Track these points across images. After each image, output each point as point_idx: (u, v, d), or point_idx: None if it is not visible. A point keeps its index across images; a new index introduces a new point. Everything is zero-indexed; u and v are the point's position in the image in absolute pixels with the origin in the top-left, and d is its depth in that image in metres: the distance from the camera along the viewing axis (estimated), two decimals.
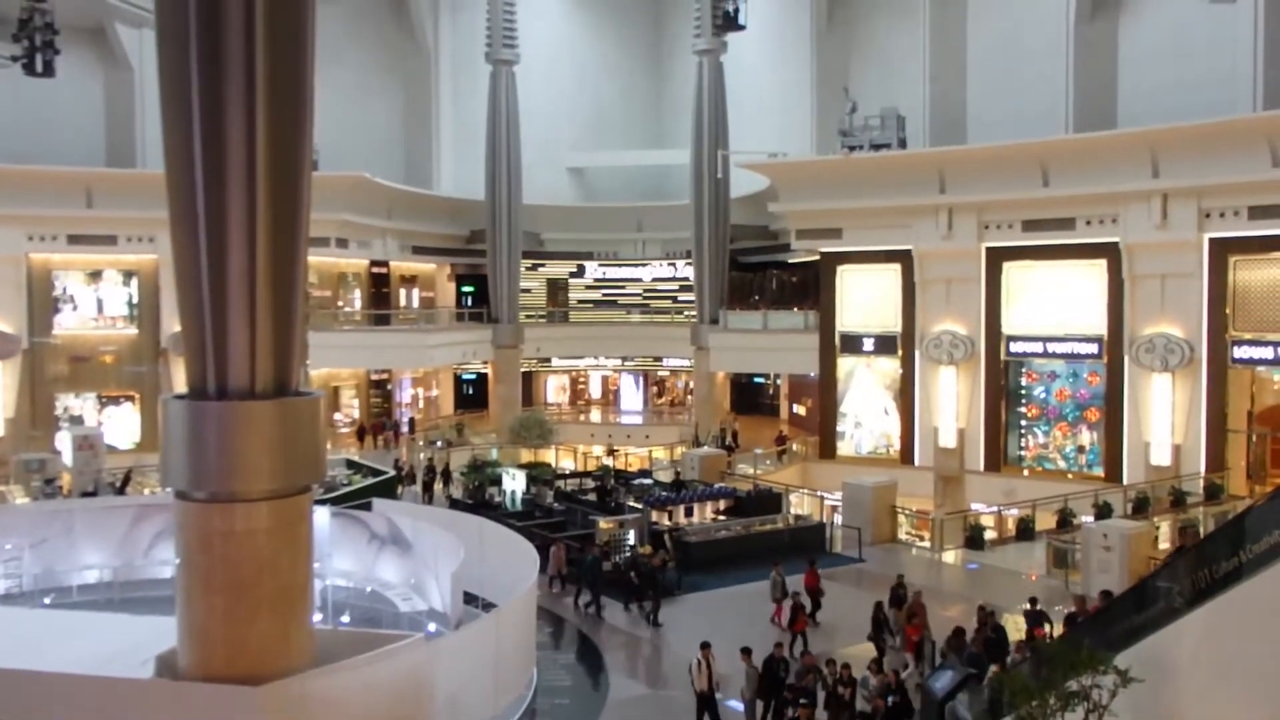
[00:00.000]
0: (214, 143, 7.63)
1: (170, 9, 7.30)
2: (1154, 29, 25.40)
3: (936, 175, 25.74)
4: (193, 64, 7.33)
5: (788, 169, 28.87)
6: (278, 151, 7.84)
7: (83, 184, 28.34)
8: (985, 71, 28.45)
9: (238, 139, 7.62)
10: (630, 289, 37.12)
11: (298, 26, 7.56)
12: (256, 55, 7.32)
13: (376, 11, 36.07)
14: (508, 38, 33.58)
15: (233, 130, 7.58)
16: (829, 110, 30.94)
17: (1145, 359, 22.83)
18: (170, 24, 7.30)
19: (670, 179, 37.82)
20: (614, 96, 39.86)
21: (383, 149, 35.62)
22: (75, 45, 26.78)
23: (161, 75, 7.47)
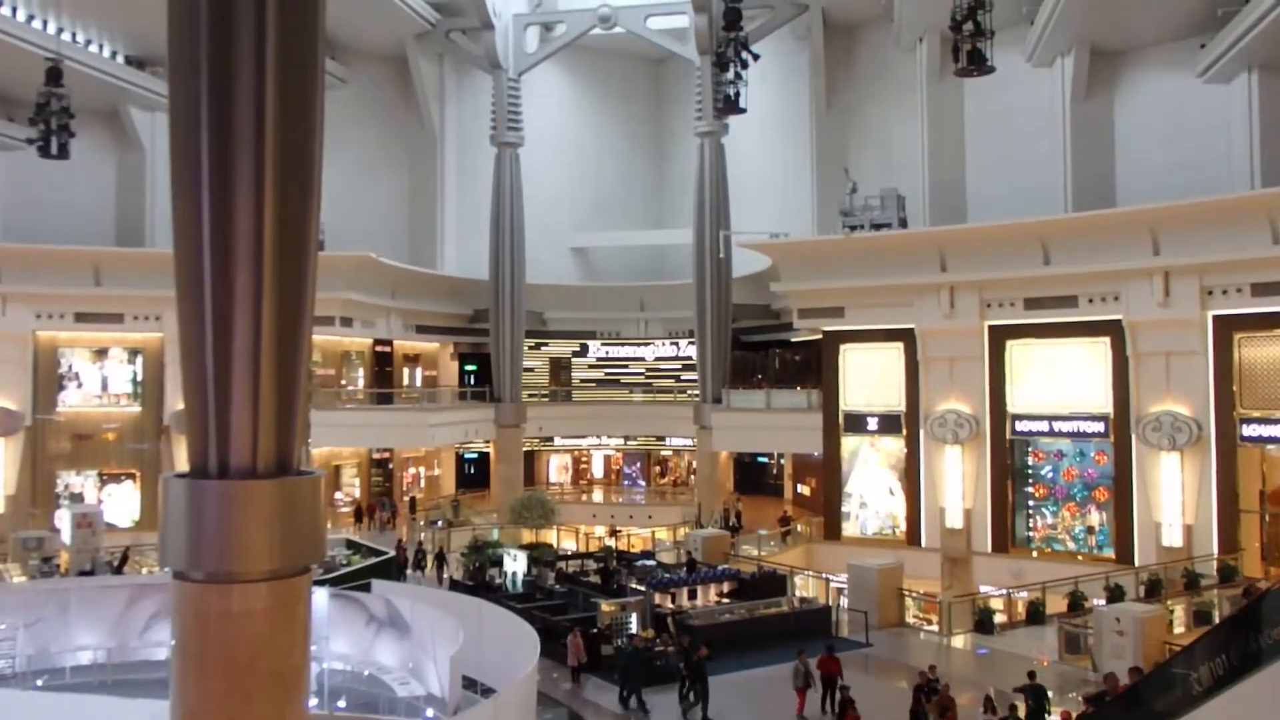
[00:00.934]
0: (222, 223, 7.67)
1: (182, 95, 7.40)
2: (1148, 109, 25.82)
3: (937, 254, 25.92)
4: (203, 147, 7.41)
5: (789, 249, 29.09)
6: (285, 233, 7.88)
7: (92, 262, 28.60)
8: (983, 152, 28.85)
9: (246, 220, 7.67)
10: (633, 368, 37.17)
11: (307, 111, 7.66)
12: (266, 140, 7.39)
13: (384, 94, 36.74)
14: (512, 121, 34.17)
15: (241, 211, 7.63)
16: (829, 190, 31.30)
17: (1153, 438, 22.71)
18: (182, 108, 7.40)
19: (672, 259, 38.12)
20: (616, 177, 40.38)
21: (388, 229, 35.98)
22: (89, 127, 27.24)
23: (173, 157, 7.55)
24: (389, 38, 34.83)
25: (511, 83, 34.38)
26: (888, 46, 31.09)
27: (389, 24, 33.76)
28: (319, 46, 7.67)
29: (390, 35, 34.66)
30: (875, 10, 30.23)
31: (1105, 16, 24.24)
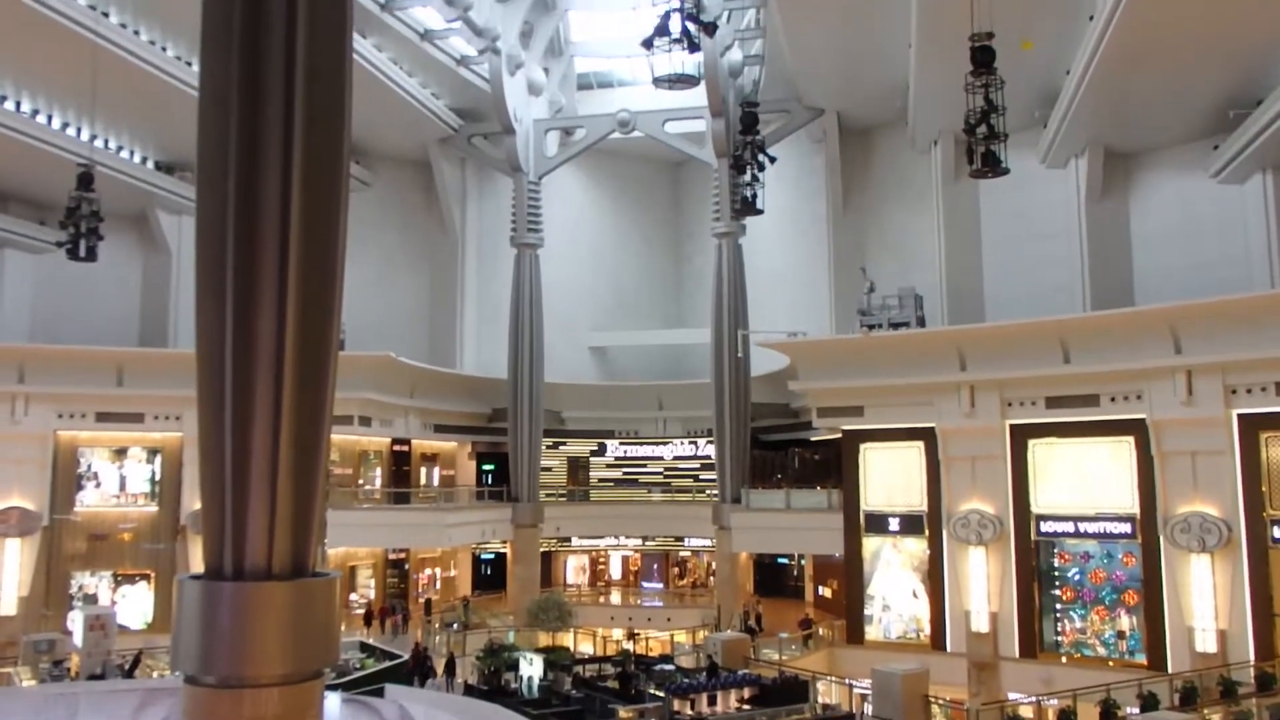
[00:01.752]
0: (245, 326, 7.73)
1: (210, 201, 7.54)
2: (1164, 209, 26.00)
3: (956, 353, 25.86)
4: (228, 252, 7.50)
5: (807, 348, 29.11)
6: (306, 336, 7.92)
7: (115, 363, 28.84)
8: (1000, 251, 29.03)
9: (268, 323, 7.72)
10: (651, 468, 36.94)
11: (331, 218, 7.77)
12: (290, 246, 7.49)
13: (407, 197, 37.47)
14: (532, 222, 34.70)
15: (263, 315, 7.69)
16: (847, 290, 31.47)
17: (1181, 539, 22.26)
18: (209, 214, 7.52)
19: (691, 358, 38.20)
20: (635, 277, 40.78)
21: (408, 328, 36.30)
22: (117, 231, 27.78)
23: (198, 260, 7.64)
24: (413, 142, 35.66)
25: (532, 185, 35.00)
26: (903, 149, 31.58)
27: (413, 130, 34.60)
28: (344, 155, 7.81)
29: (414, 140, 35.49)
30: (890, 114, 30.77)
31: (1117, 120, 24.59)
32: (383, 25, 29.14)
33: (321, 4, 7.59)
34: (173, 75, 25.83)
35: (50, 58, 24.37)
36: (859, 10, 25.32)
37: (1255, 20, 19.27)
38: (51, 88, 26.32)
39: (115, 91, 25.15)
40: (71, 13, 22.85)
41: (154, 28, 25.73)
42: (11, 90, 26.31)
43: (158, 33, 25.92)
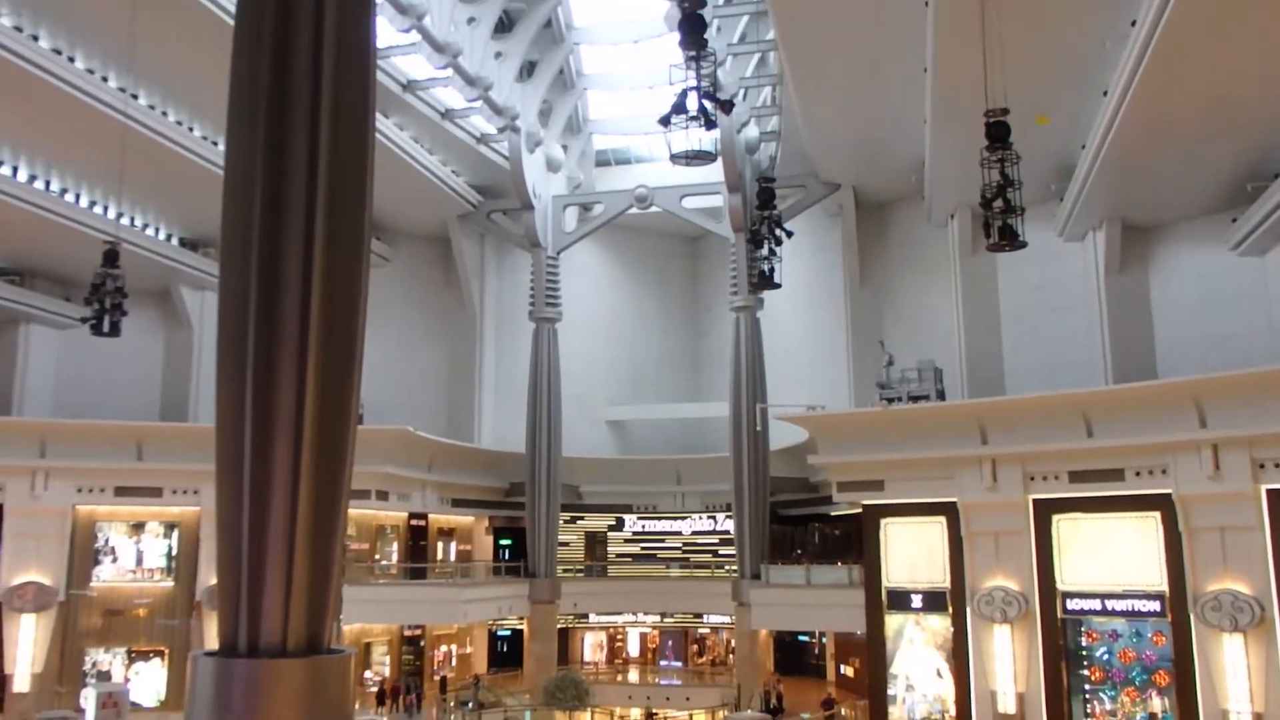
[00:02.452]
0: (264, 401, 7.74)
1: (232, 277, 7.61)
2: (1184, 282, 25.93)
3: (977, 427, 25.64)
4: (250, 327, 7.55)
5: (826, 422, 28.95)
6: (325, 411, 7.93)
7: (135, 437, 28.96)
8: (1019, 324, 28.95)
9: (287, 397, 7.73)
10: (670, 543, 36.61)
11: (352, 295, 7.83)
12: (311, 321, 7.54)
13: (426, 272, 37.83)
14: (550, 297, 34.93)
15: (283, 388, 7.71)
16: (865, 363, 31.39)
17: (1212, 618, 21.75)
18: (231, 290, 7.59)
19: (709, 432, 38.05)
20: (653, 351, 40.86)
21: (427, 402, 36.38)
22: (140, 306, 28.08)
23: (220, 336, 7.68)
24: (433, 219, 36.12)
25: (550, 260, 35.30)
26: (919, 222, 31.74)
27: (433, 206, 35.06)
28: (366, 234, 7.88)
29: (434, 216, 35.95)
30: (906, 188, 31.01)
31: (1133, 194, 24.67)
32: (405, 105, 29.71)
33: (346, 89, 7.73)
34: (199, 154, 26.33)
35: (81, 139, 24.93)
36: (873, 87, 25.67)
37: (1269, 95, 19.40)
38: (81, 167, 26.88)
39: (143, 170, 25.64)
40: (103, 95, 23.41)
41: (182, 109, 26.30)
42: (42, 170, 26.87)
43: (185, 113, 26.48)
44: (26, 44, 21.61)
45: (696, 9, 17.47)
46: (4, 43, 20.95)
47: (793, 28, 23.64)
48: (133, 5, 20.14)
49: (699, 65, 17.21)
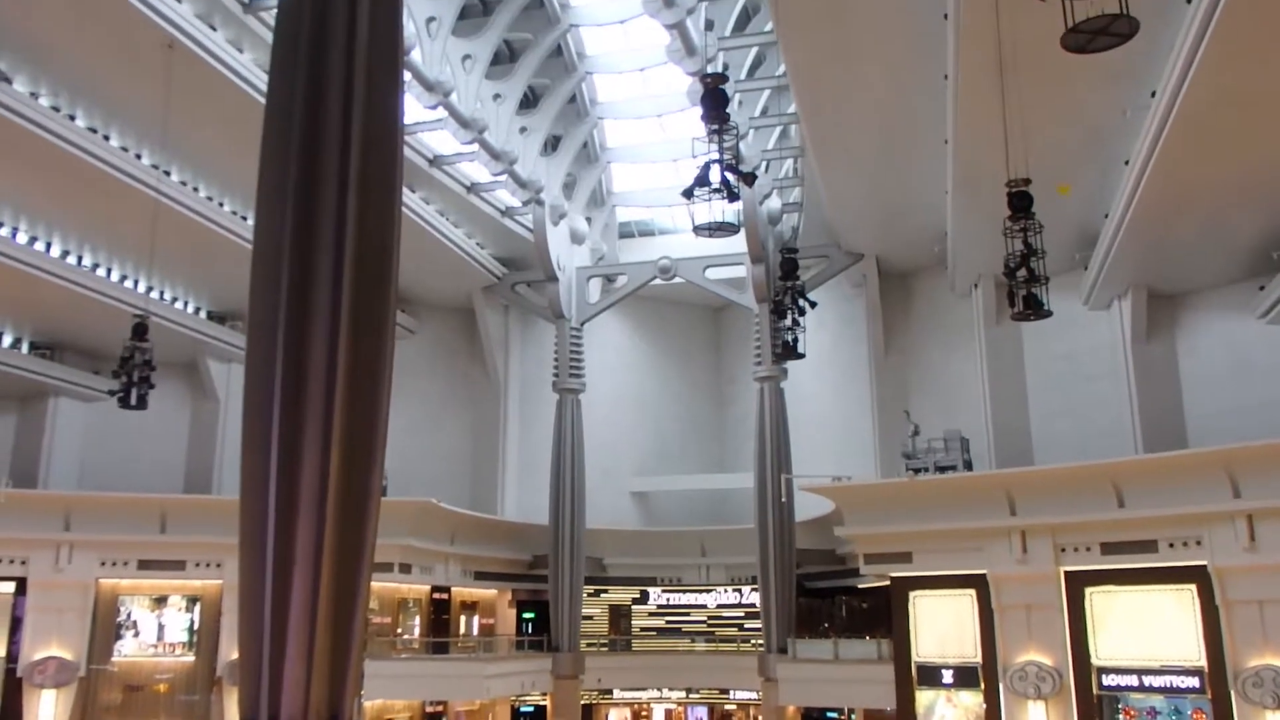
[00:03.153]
0: (289, 474, 7.74)
1: (259, 350, 7.66)
2: (1213, 350, 25.67)
3: (1005, 497, 25.31)
4: (276, 399, 7.57)
5: (852, 492, 28.66)
6: (349, 484, 7.92)
7: (159, 510, 28.99)
8: (1046, 394, 28.69)
9: (312, 470, 7.73)
10: (695, 616, 36.09)
11: (377, 367, 7.87)
12: (336, 393, 7.57)
13: (450, 343, 38.04)
14: (574, 368, 34.98)
15: (308, 462, 7.71)
16: (891, 433, 31.15)
17: (1253, 694, 21.14)
18: (258, 363, 7.64)
19: (733, 503, 37.73)
20: (677, 421, 40.72)
21: (450, 474, 36.29)
22: (167, 379, 28.29)
23: (246, 407, 7.71)
24: (457, 290, 36.43)
25: (574, 331, 35.44)
26: (943, 292, 31.71)
27: (458, 278, 35.39)
28: (391, 308, 7.94)
29: (459, 288, 36.27)
30: (929, 258, 31.04)
31: (1158, 263, 24.57)
32: (431, 179, 30.16)
33: (374, 165, 7.84)
34: (229, 229, 26.74)
35: (115, 214, 25.40)
36: (895, 158, 25.86)
37: None
38: (113, 242, 27.34)
39: (173, 244, 26.05)
40: (136, 172, 23.90)
41: (212, 184, 26.81)
42: (75, 245, 27.35)
43: (216, 189, 26.98)
44: (64, 123, 22.15)
45: (719, 84, 17.70)
46: (43, 122, 21.47)
47: (813, 102, 23.94)
48: (166, 83, 20.65)
49: (721, 139, 17.37)
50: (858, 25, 20.34)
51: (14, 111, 20.72)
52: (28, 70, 21.13)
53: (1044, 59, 15.21)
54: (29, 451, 30.64)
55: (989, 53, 16.38)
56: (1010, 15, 14.87)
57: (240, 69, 22.00)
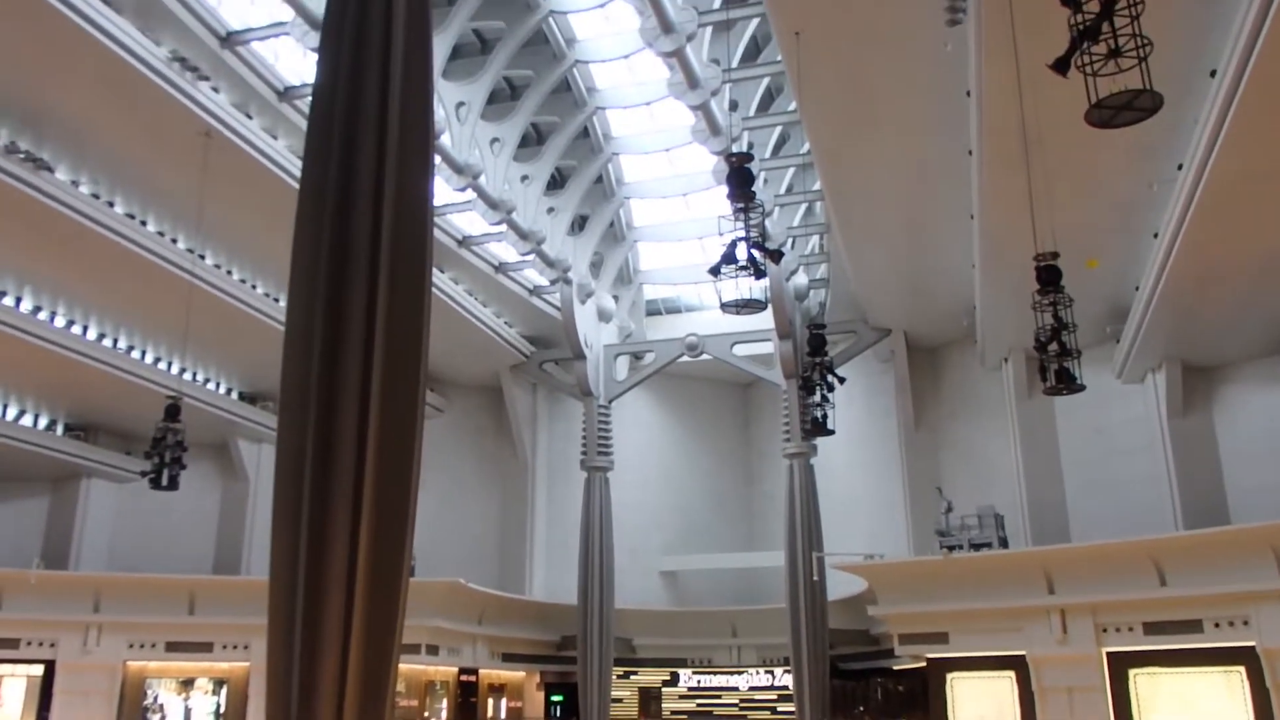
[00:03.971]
0: (318, 553, 7.70)
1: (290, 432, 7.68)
2: (1251, 423, 25.24)
3: (1043, 575, 24.79)
4: (306, 480, 7.57)
5: (885, 571, 28.20)
6: (378, 564, 7.87)
7: (187, 591, 28.93)
8: (1081, 469, 28.27)
9: (341, 551, 7.69)
10: (726, 699, 35.34)
11: (406, 448, 7.87)
12: (366, 474, 7.56)
13: (478, 422, 38.11)
14: (602, 446, 34.87)
15: (337, 543, 7.68)
16: (923, 509, 30.74)
17: None
18: (289, 444, 7.66)
19: (764, 582, 37.17)
20: (705, 499, 40.41)
21: (478, 553, 36.08)
22: (198, 459, 28.45)
23: (276, 488, 7.71)
24: (485, 369, 36.62)
25: (602, 409, 35.41)
26: (973, 365, 31.53)
27: (486, 357, 35.59)
28: (421, 388, 7.96)
29: (486, 367, 36.46)
30: (957, 332, 30.95)
31: (1191, 335, 24.35)
32: (460, 260, 30.52)
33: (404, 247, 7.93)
34: (261, 310, 27.12)
35: (150, 297, 25.83)
36: (920, 233, 25.94)
37: None
38: (148, 324, 27.76)
39: (206, 326, 26.41)
40: (172, 256, 24.35)
41: (245, 266, 27.27)
42: (111, 328, 27.79)
43: (249, 271, 27.44)
44: (103, 210, 22.67)
45: (744, 163, 17.88)
46: (84, 209, 21.98)
47: (837, 179, 24.14)
48: (203, 169, 21.15)
49: (747, 216, 17.49)
50: (880, 103, 20.59)
51: (56, 199, 21.25)
52: (69, 159, 21.71)
53: (1068, 133, 15.30)
54: (60, 533, 30.78)
55: (1012, 128, 16.48)
56: (1033, 90, 14.97)
57: (274, 155, 22.52)
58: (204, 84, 20.64)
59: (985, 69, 16.38)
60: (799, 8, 18.03)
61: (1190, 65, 15.61)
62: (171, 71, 19.84)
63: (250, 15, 21.46)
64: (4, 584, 27.34)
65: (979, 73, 16.77)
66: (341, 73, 8.14)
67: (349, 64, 8.13)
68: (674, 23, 21.80)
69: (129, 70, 19.10)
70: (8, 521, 30.62)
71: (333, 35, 8.36)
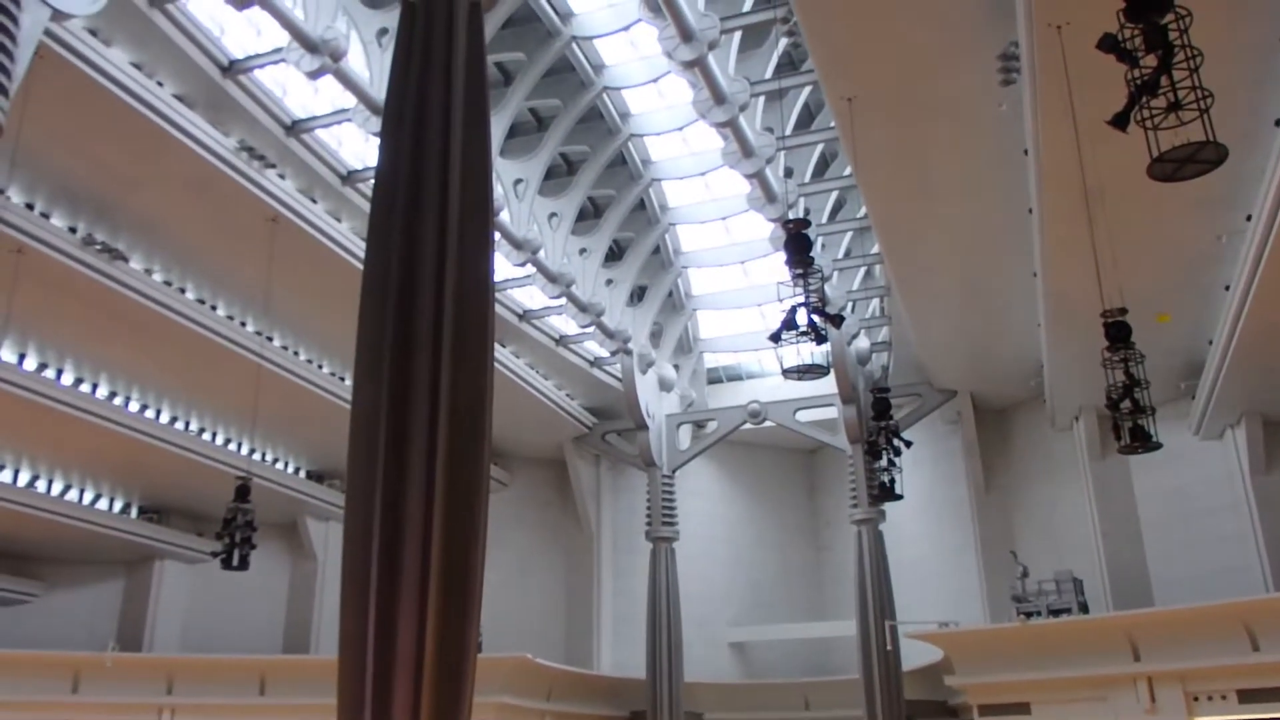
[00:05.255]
0: (386, 632, 7.69)
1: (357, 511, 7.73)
2: None
3: (1127, 642, 23.89)
4: (373, 559, 7.59)
5: (961, 639, 27.42)
6: (445, 642, 7.84)
7: (259, 672, 29.01)
8: (1162, 530, 27.36)
9: (408, 629, 7.68)
10: None
11: (472, 524, 7.88)
12: (432, 552, 7.57)
13: (542, 495, 38.08)
14: (667, 516, 34.60)
15: (404, 621, 7.67)
16: (998, 574, 29.94)
17: None
18: (356, 524, 7.70)
19: (836, 652, 36.37)
20: (773, 568, 39.79)
21: (544, 628, 35.80)
22: (266, 538, 28.72)
23: (344, 567, 7.73)
24: (548, 442, 36.68)
25: (665, 479, 35.21)
26: (1042, 426, 30.89)
27: (549, 429, 35.69)
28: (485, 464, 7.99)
29: (549, 439, 36.53)
30: (1025, 392, 30.40)
31: (1270, 390, 23.60)
32: (520, 334, 30.80)
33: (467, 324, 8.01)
34: (327, 390, 27.55)
35: (220, 380, 26.40)
36: (982, 294, 25.66)
37: None
38: (218, 406, 28.34)
39: (275, 407, 26.89)
40: (241, 339, 24.93)
41: (311, 347, 27.79)
42: (182, 411, 28.41)
43: (315, 352, 27.95)
44: (175, 296, 23.33)
45: (801, 229, 17.90)
46: (157, 297, 22.64)
47: (896, 243, 24.05)
48: (269, 253, 21.71)
49: (806, 281, 17.46)
50: (935, 166, 20.54)
51: (131, 288, 21.92)
52: (143, 247, 22.41)
53: (1131, 187, 15.11)
54: (135, 615, 31.17)
55: (1073, 184, 16.34)
56: (1092, 145, 14.84)
57: (339, 237, 23.07)
58: (270, 171, 21.30)
59: (1042, 126, 16.29)
60: (849, 74, 18.15)
61: (1254, 116, 15.39)
62: (240, 161, 20.51)
63: (314, 104, 22.20)
64: (81, 667, 27.67)
65: (1035, 130, 16.68)
66: (403, 155, 8.32)
67: (410, 147, 8.31)
68: (726, 93, 22.04)
69: (201, 162, 19.79)
70: (84, 605, 31.11)
71: (394, 120, 8.57)
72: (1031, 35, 14.45)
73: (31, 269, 19.97)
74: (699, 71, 21.16)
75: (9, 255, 19.23)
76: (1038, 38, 14.26)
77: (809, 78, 23.26)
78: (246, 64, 19.76)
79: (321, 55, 18.80)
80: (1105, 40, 10.66)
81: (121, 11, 16.83)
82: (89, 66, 17.22)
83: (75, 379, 25.80)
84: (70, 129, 18.62)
